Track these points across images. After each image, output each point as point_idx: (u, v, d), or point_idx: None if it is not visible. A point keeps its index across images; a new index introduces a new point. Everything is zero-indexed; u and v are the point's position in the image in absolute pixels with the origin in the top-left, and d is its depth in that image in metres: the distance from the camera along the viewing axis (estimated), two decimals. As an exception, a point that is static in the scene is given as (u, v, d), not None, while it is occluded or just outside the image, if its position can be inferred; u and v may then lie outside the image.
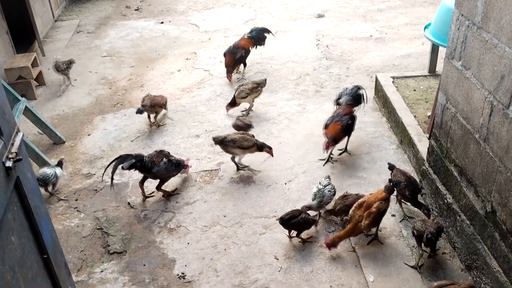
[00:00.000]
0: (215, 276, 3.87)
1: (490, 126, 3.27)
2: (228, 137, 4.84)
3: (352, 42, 7.79)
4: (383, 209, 3.90)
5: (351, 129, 5.06)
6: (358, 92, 5.32)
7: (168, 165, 4.60)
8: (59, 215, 4.60)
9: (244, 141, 4.81)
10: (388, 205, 3.97)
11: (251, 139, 4.83)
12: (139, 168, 4.54)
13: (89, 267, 4.03)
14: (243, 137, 4.85)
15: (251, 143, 4.82)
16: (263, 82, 5.98)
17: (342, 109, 5.10)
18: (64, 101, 6.59)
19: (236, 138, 4.82)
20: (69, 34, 8.80)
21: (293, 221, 4.01)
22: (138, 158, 4.52)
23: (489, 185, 3.34)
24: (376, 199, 3.90)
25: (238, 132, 5.03)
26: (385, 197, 3.92)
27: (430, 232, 3.64)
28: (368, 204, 3.89)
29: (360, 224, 3.86)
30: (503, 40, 3.03)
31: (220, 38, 8.34)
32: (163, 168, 4.56)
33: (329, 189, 4.27)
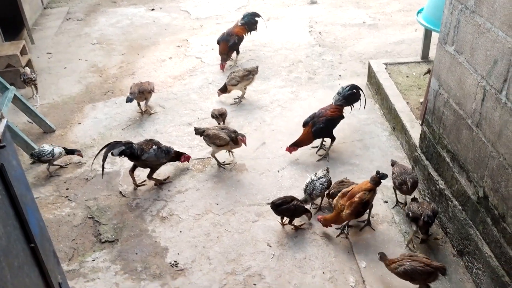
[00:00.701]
0: (207, 263, 3.86)
1: (482, 111, 3.26)
2: (206, 131, 4.76)
3: (345, 29, 7.73)
4: (366, 200, 3.82)
5: (323, 133, 4.89)
6: (351, 91, 5.00)
7: (158, 151, 4.56)
8: (50, 204, 4.56)
9: (217, 138, 4.68)
10: (371, 196, 3.90)
11: (225, 138, 4.66)
12: (129, 155, 4.49)
13: (80, 256, 4.00)
14: (217, 134, 4.69)
15: (224, 141, 4.68)
16: (254, 69, 5.92)
17: (326, 109, 4.93)
18: (54, 90, 6.51)
19: (210, 134, 4.71)
20: (58, 21, 8.67)
21: (284, 207, 3.99)
22: (128, 145, 4.47)
23: (481, 170, 3.33)
24: (360, 189, 3.86)
25: (219, 127, 4.87)
26: (370, 188, 3.86)
27: (428, 215, 3.65)
28: (351, 193, 3.86)
29: (341, 214, 3.85)
30: (496, 24, 3.00)
31: (212, 25, 8.25)
32: (153, 155, 4.52)
33: (322, 182, 4.19)
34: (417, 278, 3.33)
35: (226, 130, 4.77)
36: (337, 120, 4.94)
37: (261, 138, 5.30)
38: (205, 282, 3.70)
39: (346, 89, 5.02)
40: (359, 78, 6.26)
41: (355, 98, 5.07)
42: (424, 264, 3.31)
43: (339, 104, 4.97)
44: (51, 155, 4.75)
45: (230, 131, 4.76)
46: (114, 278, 3.79)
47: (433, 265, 3.31)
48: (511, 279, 3.06)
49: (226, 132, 4.73)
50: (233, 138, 4.72)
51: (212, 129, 4.78)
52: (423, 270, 3.29)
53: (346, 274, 3.70)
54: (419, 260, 3.35)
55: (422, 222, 3.67)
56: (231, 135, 4.72)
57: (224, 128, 4.81)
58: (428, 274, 3.30)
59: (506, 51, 2.92)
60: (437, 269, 3.30)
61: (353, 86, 5.06)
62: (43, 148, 4.76)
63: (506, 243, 3.07)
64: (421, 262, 3.33)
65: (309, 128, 4.84)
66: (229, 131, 4.76)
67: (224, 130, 4.75)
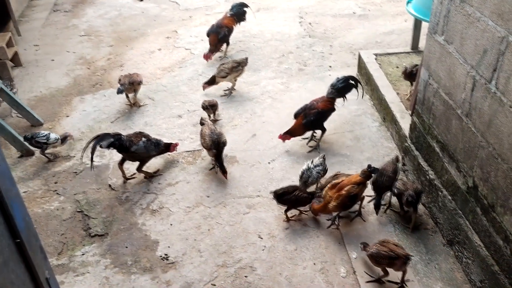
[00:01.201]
0: (198, 256, 3.84)
1: (472, 101, 3.26)
2: (204, 126, 4.70)
3: (335, 19, 7.70)
4: (354, 193, 3.81)
5: (314, 125, 4.88)
6: (344, 84, 4.92)
7: (148, 144, 4.52)
8: (38, 198, 4.51)
9: (202, 138, 4.63)
10: (361, 191, 3.88)
11: (207, 141, 4.52)
12: (118, 147, 4.45)
13: (70, 251, 3.97)
14: (204, 135, 4.58)
15: (205, 144, 4.57)
16: (244, 61, 5.86)
17: (319, 100, 4.90)
18: (41, 82, 6.42)
19: (202, 130, 4.67)
20: (45, 13, 8.53)
21: (286, 197, 3.98)
22: (117, 137, 4.43)
23: (471, 160, 3.34)
24: (349, 182, 3.85)
25: (214, 128, 4.68)
26: (359, 181, 3.85)
27: (410, 195, 3.75)
28: (340, 186, 3.85)
29: (329, 205, 3.85)
30: (486, 13, 2.99)
31: (201, 16, 8.17)
32: (142, 147, 4.48)
33: (318, 170, 4.20)
34: (381, 262, 3.41)
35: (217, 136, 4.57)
36: (328, 113, 4.91)
37: (252, 130, 5.28)
38: (196, 275, 3.69)
39: (340, 81, 4.95)
40: (350, 69, 6.24)
41: (348, 89, 5.02)
42: (389, 249, 3.36)
43: (331, 97, 4.94)
44: (46, 139, 4.76)
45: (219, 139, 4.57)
46: (104, 272, 3.76)
47: (396, 251, 3.34)
48: (500, 268, 3.08)
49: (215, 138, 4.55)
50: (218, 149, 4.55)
51: (208, 128, 4.67)
52: (385, 254, 3.34)
53: (337, 265, 3.71)
54: (387, 245, 3.40)
55: (405, 201, 3.78)
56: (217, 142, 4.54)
57: (217, 134, 4.60)
58: (391, 259, 3.33)
59: (495, 41, 2.91)
60: (399, 256, 3.31)
61: (347, 78, 4.97)
62: (37, 131, 4.81)
63: (496, 233, 3.09)
64: (387, 247, 3.38)
65: (301, 119, 4.82)
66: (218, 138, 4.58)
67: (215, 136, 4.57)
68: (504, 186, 2.95)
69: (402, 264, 3.34)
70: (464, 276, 3.52)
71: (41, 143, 4.77)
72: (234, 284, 3.61)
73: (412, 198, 3.75)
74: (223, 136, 4.62)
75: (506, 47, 2.81)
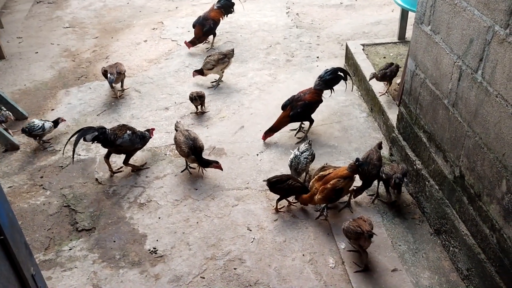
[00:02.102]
0: (187, 249, 3.83)
1: (458, 91, 3.27)
2: (177, 133, 4.53)
3: (322, 10, 7.67)
4: (339, 187, 3.81)
5: (301, 117, 4.86)
6: (332, 76, 4.88)
7: (133, 136, 4.48)
8: (23, 193, 4.44)
9: (178, 146, 4.46)
10: (347, 184, 3.87)
11: (184, 149, 4.36)
12: (102, 141, 4.40)
13: (57, 246, 3.92)
14: (180, 143, 4.41)
15: (182, 152, 4.42)
16: (230, 52, 5.81)
17: (305, 92, 4.87)
18: (25, 75, 6.31)
19: (176, 137, 4.49)
20: (28, 4, 8.38)
21: (279, 186, 3.97)
22: (101, 130, 4.37)
23: (457, 150, 3.36)
24: (336, 175, 3.85)
25: (188, 134, 4.47)
26: (346, 175, 3.84)
27: (398, 177, 3.84)
28: (327, 179, 3.86)
29: (314, 197, 3.86)
30: (472, 3, 2.99)
31: (187, 6, 8.09)
32: (127, 140, 4.43)
33: (306, 156, 4.23)
34: (349, 237, 3.54)
35: (192, 141, 4.41)
36: (315, 104, 4.90)
37: (240, 122, 5.25)
38: (185, 268, 3.68)
39: (328, 73, 4.92)
40: (337, 59, 6.24)
41: (336, 82, 4.99)
42: (357, 225, 3.45)
43: (319, 89, 4.92)
44: (42, 130, 4.81)
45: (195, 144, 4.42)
46: (92, 267, 3.73)
47: (362, 227, 3.43)
48: (487, 257, 3.11)
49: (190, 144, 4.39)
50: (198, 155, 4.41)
51: (180, 133, 4.50)
52: (353, 229, 3.44)
53: (326, 255, 3.72)
54: (357, 222, 3.50)
55: (393, 183, 3.84)
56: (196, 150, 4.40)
57: (192, 139, 4.43)
58: (357, 235, 3.43)
59: (481, 30, 2.91)
60: (363, 232, 3.40)
61: (335, 69, 4.94)
62: (33, 123, 4.82)
63: (482, 222, 3.12)
64: (357, 224, 3.47)
65: (287, 112, 4.80)
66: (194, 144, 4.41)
67: (190, 141, 4.41)
68: (490, 176, 2.97)
69: (367, 240, 3.44)
70: (451, 264, 3.56)
71: (39, 135, 4.83)
72: (223, 277, 3.60)
73: (400, 180, 3.85)
74: (199, 140, 4.46)
75: (492, 36, 2.82)
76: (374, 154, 4.07)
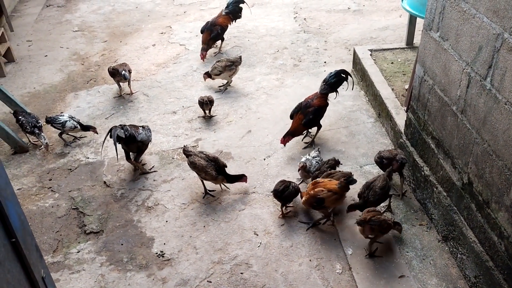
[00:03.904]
0: (194, 253, 3.84)
1: (467, 98, 3.26)
2: (192, 157, 4.25)
3: (330, 15, 7.69)
4: (321, 197, 3.76)
5: (313, 123, 4.87)
6: (336, 79, 4.93)
7: (147, 131, 4.63)
8: (33, 195, 4.48)
9: (202, 172, 4.19)
10: (330, 197, 3.78)
11: (211, 173, 4.16)
12: (127, 138, 4.40)
13: (65, 248, 3.95)
14: (204, 167, 4.16)
15: (210, 176, 4.18)
16: (237, 60, 5.82)
17: (313, 98, 4.88)
18: (35, 78, 6.37)
19: (196, 163, 4.19)
20: (38, 8, 8.46)
21: (287, 192, 3.98)
22: (125, 128, 4.44)
23: (466, 156, 3.35)
24: (324, 186, 3.84)
25: (207, 156, 4.26)
26: (333, 189, 3.79)
27: (402, 158, 4.02)
28: (317, 185, 3.87)
29: (303, 196, 3.94)
30: (481, 10, 2.99)
31: (195, 11, 8.13)
32: (144, 135, 4.55)
33: (317, 160, 4.33)
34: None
35: (214, 162, 4.22)
36: (324, 108, 4.92)
37: (247, 126, 5.27)
38: (192, 272, 3.69)
39: (332, 76, 4.95)
40: (344, 64, 6.24)
41: (340, 83, 5.02)
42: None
43: (325, 93, 4.93)
44: (61, 126, 4.93)
45: (219, 164, 4.25)
46: (99, 270, 3.75)
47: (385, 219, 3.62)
48: (495, 264, 3.10)
49: (214, 165, 4.20)
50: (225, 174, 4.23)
51: (199, 156, 4.25)
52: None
53: (333, 261, 3.72)
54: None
55: (398, 164, 3.98)
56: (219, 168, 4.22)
57: (212, 160, 4.23)
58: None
59: (491, 38, 2.92)
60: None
61: (338, 72, 4.97)
62: (58, 116, 5.01)
63: (490, 229, 3.11)
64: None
65: (298, 119, 4.78)
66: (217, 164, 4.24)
67: (212, 163, 4.22)
68: (499, 183, 2.97)
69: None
70: (458, 271, 3.54)
71: (57, 128, 5.00)
72: (230, 281, 3.61)
73: (404, 160, 4.00)
74: (219, 158, 4.29)
75: (501, 44, 2.82)
76: (380, 182, 3.86)
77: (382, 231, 3.62)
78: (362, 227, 3.62)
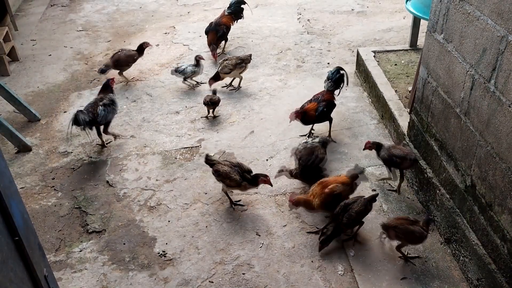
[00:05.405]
0: (196, 253, 3.84)
1: (471, 100, 3.26)
2: (216, 165, 4.15)
3: (333, 16, 7.69)
4: (338, 192, 3.75)
5: (325, 116, 4.87)
6: (338, 74, 5.01)
7: (107, 107, 4.87)
8: (35, 194, 4.49)
9: (227, 178, 4.06)
10: (345, 191, 3.79)
11: (235, 178, 4.02)
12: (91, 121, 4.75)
13: (67, 247, 3.96)
14: (228, 173, 4.04)
15: (235, 182, 4.04)
16: (247, 58, 5.86)
17: (322, 94, 4.90)
18: (38, 78, 6.39)
19: (220, 170, 4.09)
20: (42, 7, 8.49)
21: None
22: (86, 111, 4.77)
23: (469, 159, 3.35)
24: (335, 182, 3.83)
25: (230, 163, 4.18)
26: (345, 181, 3.79)
27: (413, 157, 4.00)
28: (326, 183, 3.84)
29: (313, 201, 3.80)
30: (485, 12, 2.98)
31: (199, 11, 8.14)
32: (103, 114, 4.83)
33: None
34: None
35: (238, 167, 4.11)
36: (334, 104, 4.95)
37: (250, 127, 5.27)
38: (193, 272, 3.69)
39: (334, 73, 5.03)
40: (348, 66, 6.23)
41: (342, 80, 5.10)
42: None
43: (332, 90, 4.98)
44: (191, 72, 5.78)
45: (243, 169, 4.13)
46: (101, 269, 3.76)
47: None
48: (497, 267, 3.09)
49: (238, 170, 4.09)
50: (247, 179, 4.08)
51: (223, 164, 4.16)
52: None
53: (335, 262, 3.72)
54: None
55: (410, 161, 3.97)
56: (245, 175, 4.08)
57: (236, 165, 4.13)
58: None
59: (495, 40, 2.91)
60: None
61: (337, 69, 5.07)
62: (182, 66, 5.82)
63: (493, 231, 3.10)
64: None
65: (315, 105, 4.77)
66: (241, 169, 4.12)
67: (235, 168, 4.10)
68: (502, 185, 2.96)
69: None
70: (461, 274, 3.54)
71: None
72: (231, 281, 3.61)
73: (416, 159, 4.03)
74: (244, 164, 4.21)
75: (505, 46, 2.81)
76: (358, 206, 3.70)
77: (410, 240, 3.52)
78: (387, 231, 3.56)
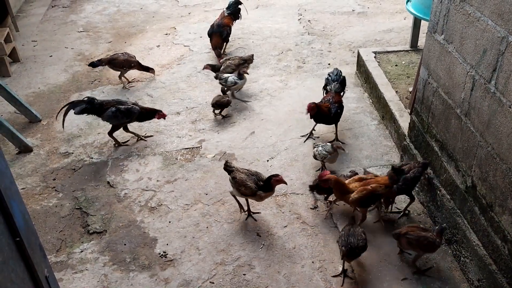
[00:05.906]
0: (197, 254, 3.85)
1: (471, 101, 3.26)
2: (234, 172, 4.04)
3: (334, 17, 7.69)
4: (379, 192, 3.73)
5: (337, 118, 4.85)
6: (342, 76, 5.07)
7: (116, 113, 4.83)
8: (36, 195, 4.50)
9: (242, 186, 3.94)
10: (386, 193, 3.77)
11: (251, 186, 3.90)
12: (90, 110, 4.83)
13: (68, 248, 3.96)
14: (244, 180, 3.94)
15: (250, 190, 3.92)
16: (250, 58, 5.89)
17: (331, 96, 4.88)
18: (39, 78, 6.40)
19: (237, 177, 3.98)
20: (43, 8, 8.50)
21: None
22: (89, 100, 4.85)
23: (469, 160, 3.35)
24: (378, 182, 3.79)
25: (248, 171, 4.06)
26: (386, 183, 3.76)
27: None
28: (368, 182, 3.82)
29: (349, 195, 3.77)
30: (486, 13, 2.99)
31: (200, 12, 8.15)
32: (111, 115, 4.85)
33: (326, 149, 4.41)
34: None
35: (255, 176, 4.00)
36: (343, 106, 4.93)
37: (250, 128, 5.27)
38: (194, 273, 3.69)
39: (337, 75, 5.06)
40: (348, 66, 6.24)
41: (345, 81, 5.15)
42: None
43: (339, 91, 4.98)
44: (225, 81, 5.51)
45: (259, 178, 4.00)
46: (102, 270, 3.76)
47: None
48: (498, 268, 3.09)
49: (254, 179, 3.97)
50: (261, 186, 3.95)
51: (241, 171, 4.04)
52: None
53: (336, 263, 3.72)
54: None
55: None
56: (259, 183, 3.96)
57: (254, 174, 4.03)
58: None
59: (495, 41, 2.91)
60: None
61: (339, 71, 5.12)
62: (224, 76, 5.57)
63: (494, 232, 3.10)
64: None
65: (327, 106, 4.77)
66: (258, 178, 4.00)
67: (253, 176, 3.99)
68: (503, 186, 2.96)
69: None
70: (461, 275, 3.53)
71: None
72: (232, 282, 3.61)
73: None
74: (260, 173, 4.08)
75: (506, 47, 2.81)
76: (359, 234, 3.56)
77: (423, 248, 3.48)
78: (398, 240, 3.54)
